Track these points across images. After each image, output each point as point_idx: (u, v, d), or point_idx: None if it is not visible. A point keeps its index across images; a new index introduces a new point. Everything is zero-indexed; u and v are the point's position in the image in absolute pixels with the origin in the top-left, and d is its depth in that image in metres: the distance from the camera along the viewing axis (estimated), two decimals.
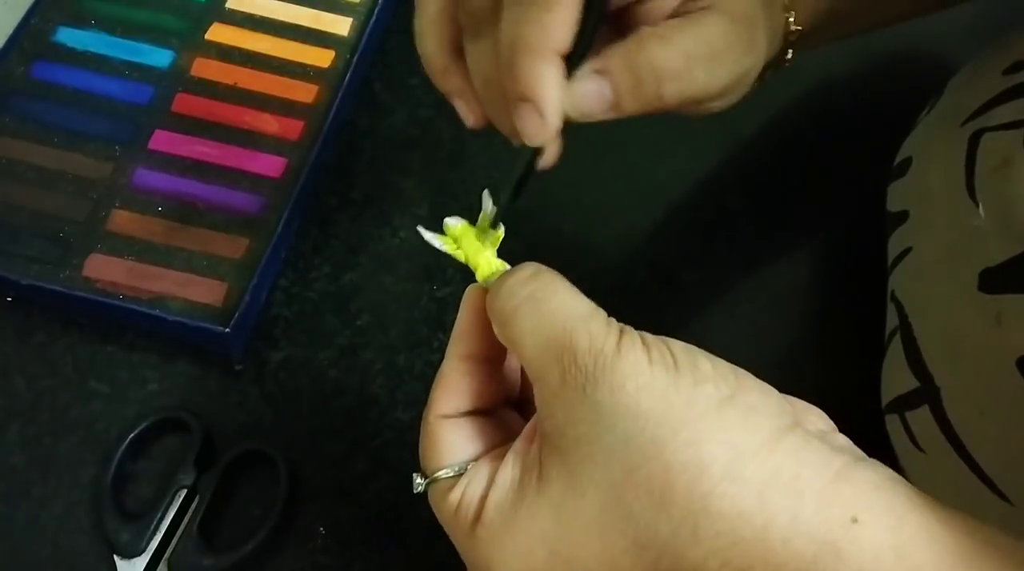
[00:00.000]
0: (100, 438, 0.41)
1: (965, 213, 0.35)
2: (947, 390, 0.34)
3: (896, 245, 0.40)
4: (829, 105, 0.54)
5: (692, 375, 0.23)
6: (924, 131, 0.42)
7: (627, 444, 0.22)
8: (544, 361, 0.24)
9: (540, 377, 0.24)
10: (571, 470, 0.23)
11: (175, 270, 0.44)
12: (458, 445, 0.27)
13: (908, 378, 0.36)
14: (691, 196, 0.50)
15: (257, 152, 0.47)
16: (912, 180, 0.41)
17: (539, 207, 0.49)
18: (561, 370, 0.23)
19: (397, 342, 0.44)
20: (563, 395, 0.23)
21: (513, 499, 0.24)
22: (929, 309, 0.37)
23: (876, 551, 0.21)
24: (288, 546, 0.39)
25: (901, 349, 0.37)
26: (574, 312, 0.24)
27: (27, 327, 0.43)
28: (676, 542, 0.21)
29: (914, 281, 0.38)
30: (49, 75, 0.49)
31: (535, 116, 0.28)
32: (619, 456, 0.22)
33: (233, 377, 0.43)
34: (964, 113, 0.38)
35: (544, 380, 0.24)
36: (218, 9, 0.52)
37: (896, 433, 0.38)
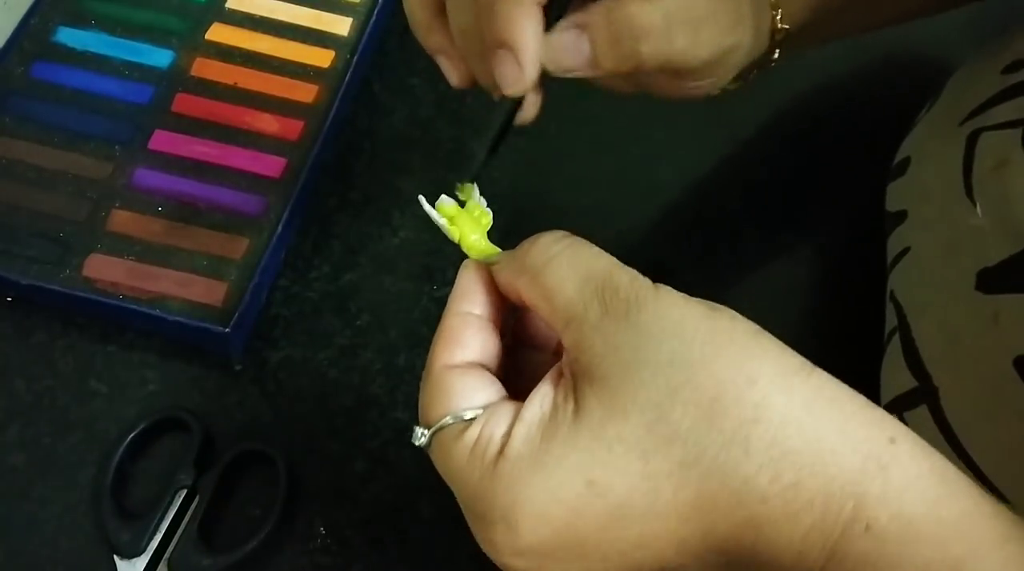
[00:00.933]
0: (100, 438, 0.41)
1: (963, 212, 0.35)
2: (945, 390, 0.34)
3: (895, 245, 0.41)
4: (828, 105, 0.54)
5: (727, 313, 0.23)
6: (922, 131, 0.43)
7: (672, 361, 0.22)
8: (582, 298, 0.24)
9: (575, 315, 0.24)
10: (612, 394, 0.22)
11: (175, 270, 0.44)
12: (467, 393, 0.26)
13: (906, 378, 0.36)
14: (691, 196, 0.50)
15: (257, 152, 0.47)
16: (910, 180, 0.41)
17: (539, 207, 0.49)
18: (602, 303, 0.24)
19: (397, 342, 0.44)
20: (604, 325, 0.23)
21: (544, 431, 0.23)
22: (927, 309, 0.37)
23: (918, 469, 0.21)
24: (288, 546, 0.39)
25: (900, 349, 0.37)
26: (607, 259, 0.25)
27: (27, 327, 0.43)
28: (726, 457, 0.21)
29: (912, 281, 0.38)
30: (49, 75, 0.49)
31: (512, 63, 0.28)
32: (665, 373, 0.22)
33: (233, 377, 0.43)
34: (962, 113, 0.38)
35: (580, 316, 0.24)
36: (218, 9, 0.52)
37: None
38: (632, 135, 0.52)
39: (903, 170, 0.42)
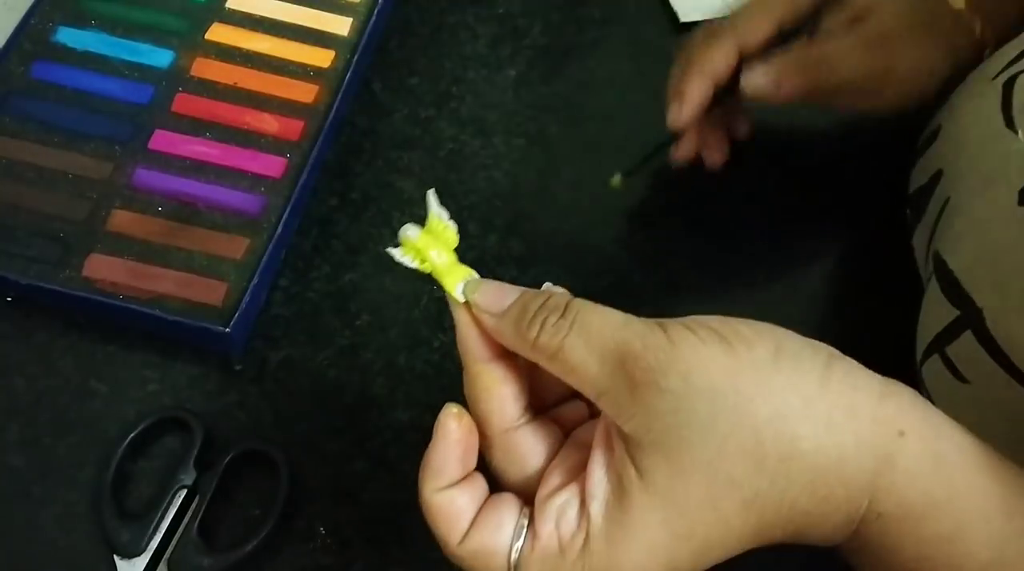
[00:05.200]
0: (100, 438, 0.41)
1: (1003, 143, 0.36)
2: (989, 310, 0.35)
3: (935, 206, 0.41)
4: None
5: (741, 342, 0.25)
6: (955, 99, 0.43)
7: (714, 419, 0.24)
8: (608, 374, 0.26)
9: (606, 389, 0.26)
10: (668, 458, 0.25)
11: (175, 270, 0.44)
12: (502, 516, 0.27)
13: (946, 311, 0.37)
14: (691, 195, 0.50)
15: (257, 152, 0.47)
16: (943, 141, 0.42)
17: (539, 207, 0.49)
18: (627, 375, 0.25)
19: (397, 342, 0.44)
20: (637, 396, 0.25)
21: (619, 502, 0.25)
22: (965, 241, 0.37)
23: (920, 460, 0.25)
24: (288, 546, 0.39)
25: (938, 288, 0.38)
26: (615, 324, 0.26)
27: (27, 327, 0.43)
28: (775, 489, 0.24)
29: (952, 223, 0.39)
30: (49, 75, 0.49)
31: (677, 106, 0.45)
32: (710, 432, 0.24)
33: (233, 377, 0.43)
34: (994, 71, 0.39)
35: (612, 390, 0.25)
36: (218, 9, 0.52)
37: (935, 377, 0.38)
38: (632, 135, 0.52)
39: (932, 140, 0.43)
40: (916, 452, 0.25)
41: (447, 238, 0.31)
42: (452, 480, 0.28)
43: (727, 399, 0.24)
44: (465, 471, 0.28)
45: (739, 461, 0.24)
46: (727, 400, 0.24)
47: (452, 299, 0.29)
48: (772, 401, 0.24)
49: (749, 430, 0.24)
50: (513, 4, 0.56)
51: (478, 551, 0.27)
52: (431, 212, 0.31)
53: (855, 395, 0.25)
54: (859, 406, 0.25)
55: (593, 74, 0.54)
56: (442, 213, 0.31)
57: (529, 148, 0.51)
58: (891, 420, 0.25)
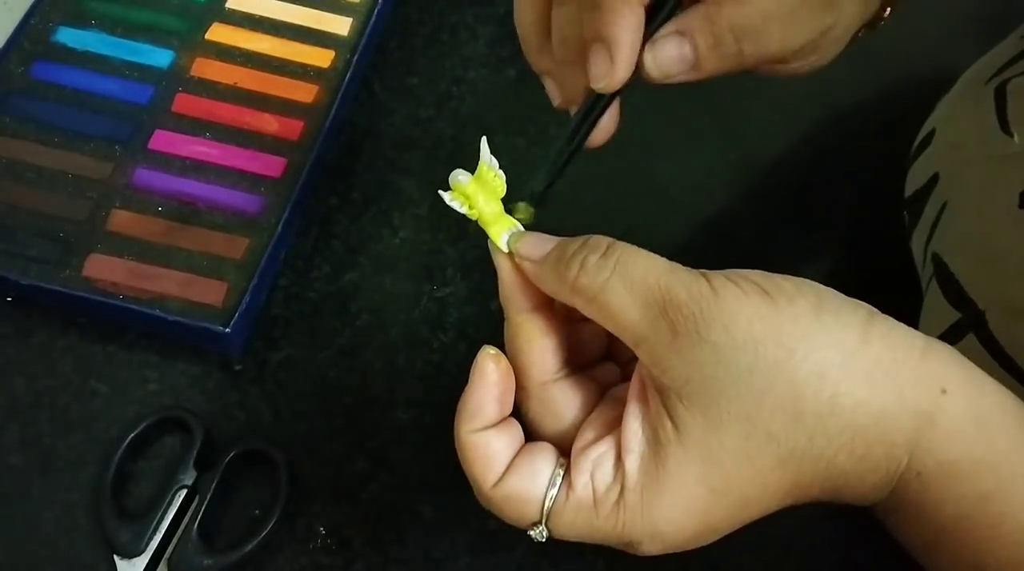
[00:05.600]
0: (100, 438, 0.41)
1: (999, 147, 0.36)
2: (992, 312, 0.35)
3: (931, 209, 0.41)
4: (834, 101, 0.54)
5: (783, 296, 0.25)
6: (947, 103, 0.44)
7: (752, 372, 0.24)
8: (649, 321, 0.25)
9: (646, 337, 0.25)
10: (705, 410, 0.24)
11: (175, 270, 0.44)
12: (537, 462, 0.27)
13: (948, 313, 0.37)
14: (691, 196, 0.50)
15: (257, 152, 0.47)
16: (938, 145, 0.42)
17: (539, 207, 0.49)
18: (669, 323, 0.25)
19: (397, 342, 0.44)
20: (677, 345, 0.24)
21: (654, 456, 0.25)
22: (966, 243, 0.37)
23: (962, 418, 0.24)
24: (288, 546, 0.39)
25: (938, 291, 0.38)
26: (660, 269, 0.26)
27: (27, 327, 0.43)
28: (813, 447, 0.24)
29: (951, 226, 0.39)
30: (49, 75, 0.49)
31: (605, 57, 0.30)
32: (748, 385, 0.24)
33: (233, 377, 0.43)
34: (986, 76, 0.40)
35: (652, 338, 0.25)
36: (218, 9, 0.52)
37: None
38: (632, 135, 0.52)
39: (927, 143, 0.43)
40: (958, 410, 0.24)
41: (496, 187, 0.30)
42: (488, 422, 0.28)
43: (767, 353, 0.24)
44: (502, 414, 0.28)
45: (777, 416, 0.24)
46: (767, 354, 0.24)
47: (496, 248, 0.29)
48: (812, 356, 0.24)
49: (788, 385, 0.24)
50: (513, 4, 0.56)
51: (511, 496, 0.27)
52: (482, 160, 0.30)
53: (896, 352, 0.25)
54: (900, 363, 0.24)
55: None
56: (492, 162, 0.30)
57: (529, 148, 0.51)
58: (933, 377, 0.24)
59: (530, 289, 0.28)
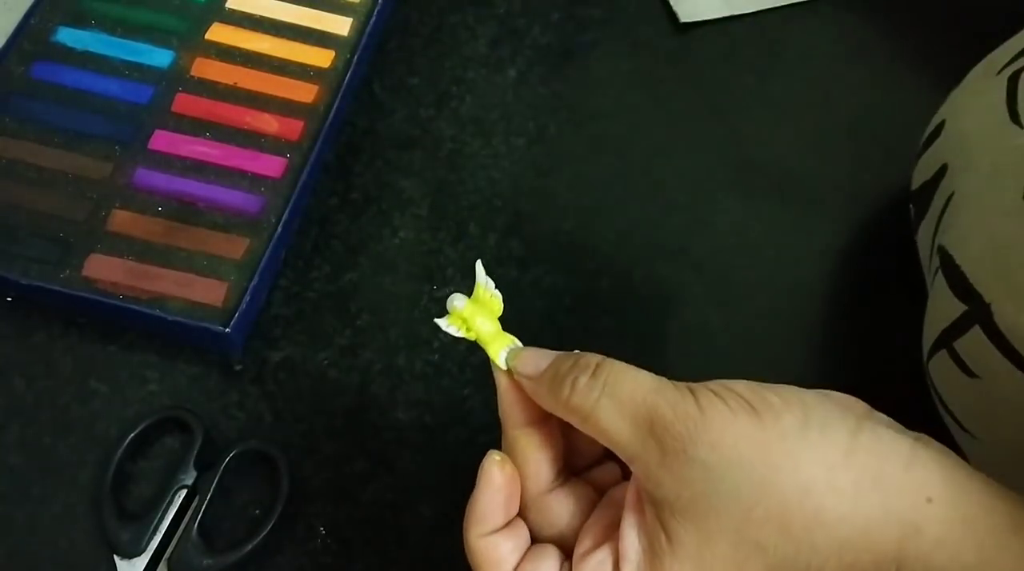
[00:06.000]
0: (100, 438, 0.41)
1: (1009, 137, 0.36)
2: (997, 304, 0.35)
3: (939, 199, 0.41)
4: (832, 102, 0.54)
5: (769, 412, 0.25)
6: (958, 94, 0.43)
7: (740, 488, 0.25)
8: (639, 440, 0.26)
9: (638, 454, 0.26)
10: (697, 525, 0.25)
11: (175, 270, 0.44)
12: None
13: (953, 305, 0.37)
14: (691, 196, 0.50)
15: (257, 152, 0.47)
16: (948, 136, 0.42)
17: (539, 207, 0.49)
18: (658, 441, 0.26)
19: (397, 342, 0.44)
20: (667, 462, 0.25)
21: (650, 566, 0.26)
22: (972, 235, 0.37)
23: (948, 525, 0.25)
24: (288, 546, 0.39)
25: (944, 283, 0.38)
26: (647, 388, 0.27)
27: (27, 327, 0.43)
28: (801, 557, 0.25)
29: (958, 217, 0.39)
30: (49, 75, 0.49)
31: None
32: (736, 500, 0.25)
33: (233, 377, 0.43)
34: (998, 66, 0.39)
35: (643, 456, 0.26)
36: (218, 9, 0.52)
37: (943, 373, 0.38)
38: (632, 135, 0.52)
39: (936, 135, 0.43)
40: (944, 518, 0.25)
41: (492, 307, 0.32)
42: (496, 526, 0.29)
43: (754, 471, 0.25)
44: (508, 517, 0.29)
45: (765, 527, 0.25)
46: (754, 472, 0.25)
47: (495, 366, 0.30)
48: (798, 473, 0.25)
49: (776, 499, 0.25)
50: (513, 4, 0.56)
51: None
52: (478, 282, 0.32)
53: (882, 464, 0.25)
54: (886, 476, 0.25)
55: (593, 74, 0.54)
56: (488, 283, 0.32)
57: (529, 148, 0.51)
58: (918, 488, 0.25)
59: (527, 404, 0.29)
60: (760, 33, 0.57)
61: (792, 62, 0.56)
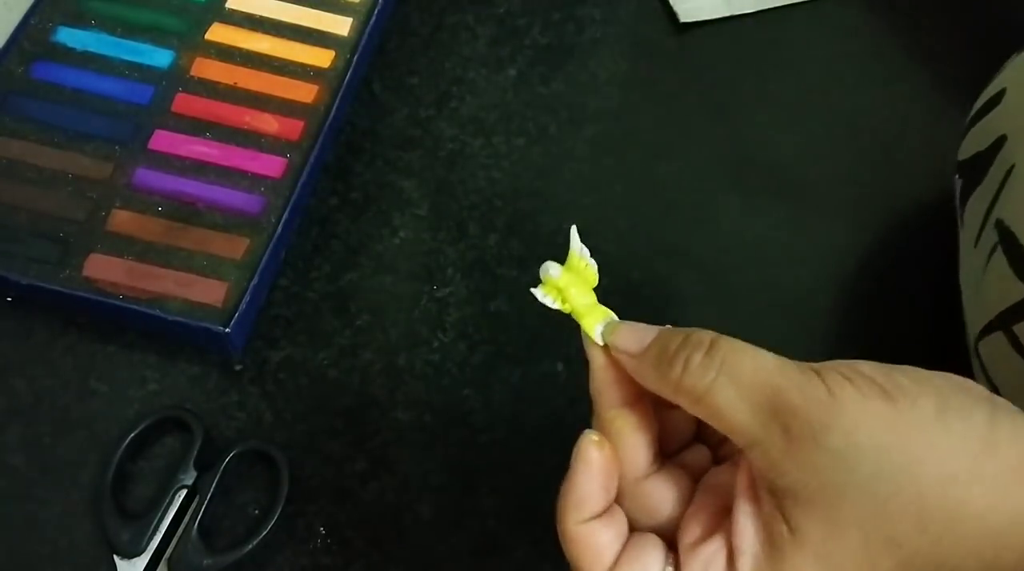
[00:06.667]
0: (100, 438, 0.41)
1: None
2: None
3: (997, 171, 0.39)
4: (831, 98, 0.54)
5: (904, 396, 0.23)
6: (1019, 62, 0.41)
7: (875, 478, 0.23)
8: (760, 425, 0.24)
9: (759, 440, 0.24)
10: (825, 515, 0.23)
11: (175, 270, 0.44)
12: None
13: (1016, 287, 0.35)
14: (691, 196, 0.50)
15: (257, 152, 0.47)
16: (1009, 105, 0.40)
17: (539, 207, 0.49)
18: (783, 427, 0.24)
19: (397, 342, 0.44)
20: (793, 450, 0.24)
21: (769, 559, 0.24)
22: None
23: None
24: (288, 546, 0.39)
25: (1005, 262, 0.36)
26: (769, 369, 0.25)
27: (27, 327, 0.43)
28: (938, 552, 0.23)
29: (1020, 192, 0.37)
30: (49, 75, 0.49)
31: None
32: (870, 491, 0.23)
33: (233, 377, 0.43)
34: None
35: (765, 442, 0.24)
36: (218, 9, 0.52)
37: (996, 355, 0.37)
38: (632, 135, 0.52)
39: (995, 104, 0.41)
40: None
41: (588, 276, 0.30)
42: (595, 511, 0.27)
43: (892, 460, 0.23)
44: (607, 502, 0.27)
45: (901, 520, 0.23)
46: (892, 461, 0.23)
47: (590, 340, 0.28)
48: (940, 463, 0.23)
49: (913, 491, 0.23)
50: (513, 4, 0.56)
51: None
52: (572, 249, 0.29)
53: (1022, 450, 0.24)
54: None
55: (593, 74, 0.54)
56: (583, 250, 0.30)
57: (529, 148, 0.51)
58: None
59: (623, 383, 0.27)
60: (760, 33, 0.57)
61: (792, 62, 0.56)
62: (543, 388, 0.44)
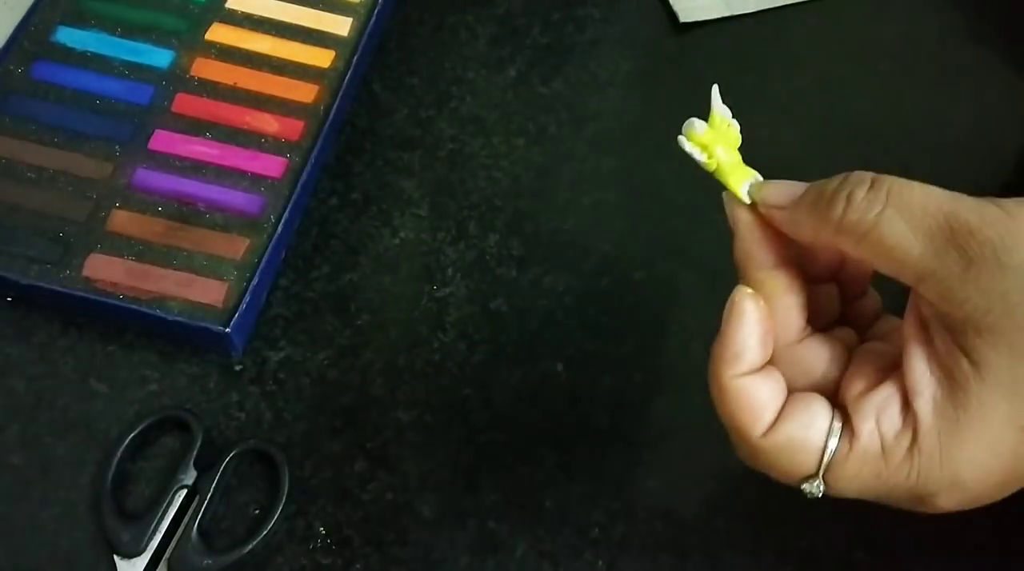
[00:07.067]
0: (100, 438, 0.41)
1: None
2: None
3: None
4: (831, 98, 0.54)
5: None
6: None
7: None
8: (935, 252, 0.23)
9: (933, 270, 0.23)
10: (1012, 342, 0.22)
11: (175, 270, 0.44)
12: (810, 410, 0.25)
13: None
14: (691, 195, 0.50)
15: (257, 152, 0.47)
16: None
17: (539, 207, 0.49)
18: (961, 252, 0.22)
19: (397, 342, 0.44)
20: (973, 274, 0.22)
21: (951, 396, 0.23)
22: None
23: None
24: (288, 546, 0.39)
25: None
26: (942, 197, 0.23)
27: (27, 327, 0.43)
28: None
29: None
30: (49, 75, 0.49)
31: None
32: None
33: (233, 377, 0.43)
34: None
35: (940, 271, 0.23)
36: (218, 9, 0.52)
37: None
38: (632, 135, 0.52)
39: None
40: None
41: (730, 137, 0.28)
42: (753, 365, 0.26)
43: None
44: (764, 357, 0.26)
45: None
46: None
47: (736, 199, 0.27)
48: None
49: None
50: (513, 4, 0.56)
51: (785, 446, 0.25)
52: (714, 109, 0.28)
53: None
54: None
55: (593, 74, 0.54)
56: (725, 110, 0.28)
57: (529, 148, 0.51)
58: None
59: (772, 244, 0.27)
60: (760, 33, 0.57)
61: (792, 62, 0.56)
62: (543, 388, 0.44)
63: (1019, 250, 0.22)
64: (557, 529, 0.40)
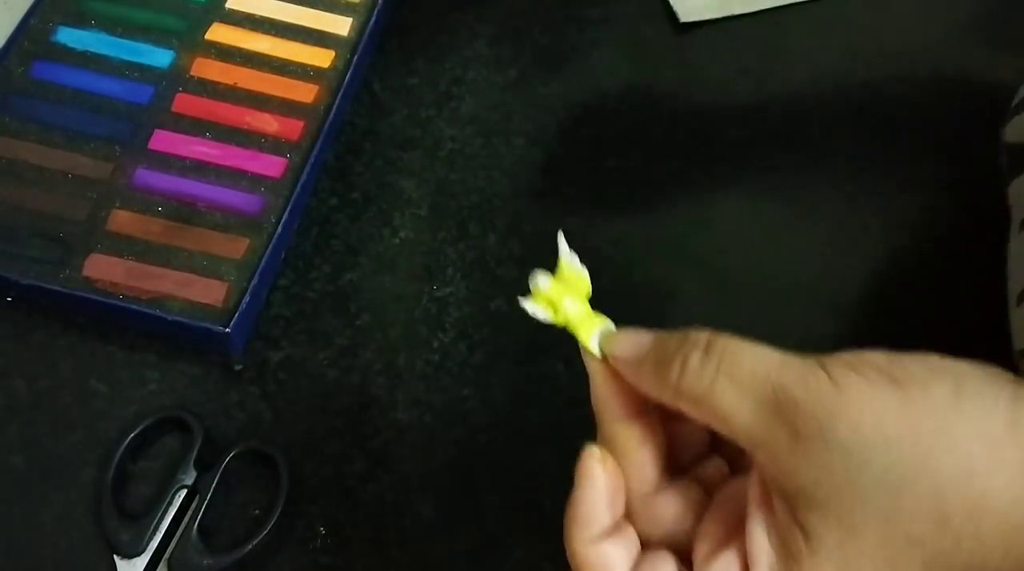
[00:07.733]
0: (100, 438, 0.41)
1: None
2: None
3: None
4: (831, 97, 0.54)
5: (914, 383, 0.22)
6: None
7: (888, 473, 0.22)
8: (764, 424, 0.23)
9: (763, 441, 0.23)
10: (840, 518, 0.22)
11: (175, 270, 0.44)
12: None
13: None
14: (691, 195, 0.50)
15: (257, 152, 0.47)
16: None
17: (539, 207, 0.49)
18: (788, 424, 0.22)
19: (397, 342, 0.44)
20: (800, 449, 0.22)
21: (785, 568, 0.23)
22: None
23: None
24: (288, 546, 0.39)
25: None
26: (771, 364, 0.23)
27: (27, 327, 0.43)
28: (962, 550, 0.21)
29: None
30: (49, 75, 0.49)
31: None
32: (884, 486, 0.22)
33: (233, 377, 0.43)
34: None
35: (770, 442, 0.23)
36: (218, 9, 0.52)
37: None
38: (632, 135, 0.52)
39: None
40: None
41: (580, 285, 0.28)
42: (603, 529, 0.26)
43: (904, 452, 0.21)
44: (615, 518, 0.26)
45: (918, 518, 0.21)
46: (904, 453, 0.21)
47: (588, 352, 0.27)
48: (956, 453, 0.21)
49: (930, 484, 0.21)
50: (513, 4, 0.56)
51: None
52: (561, 258, 0.28)
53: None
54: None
55: (593, 74, 0.54)
56: (573, 257, 0.28)
57: (529, 148, 0.51)
58: None
59: (625, 395, 0.26)
60: (760, 33, 0.57)
61: (792, 62, 0.56)
62: (543, 388, 0.44)
63: (842, 426, 0.22)
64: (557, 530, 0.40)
